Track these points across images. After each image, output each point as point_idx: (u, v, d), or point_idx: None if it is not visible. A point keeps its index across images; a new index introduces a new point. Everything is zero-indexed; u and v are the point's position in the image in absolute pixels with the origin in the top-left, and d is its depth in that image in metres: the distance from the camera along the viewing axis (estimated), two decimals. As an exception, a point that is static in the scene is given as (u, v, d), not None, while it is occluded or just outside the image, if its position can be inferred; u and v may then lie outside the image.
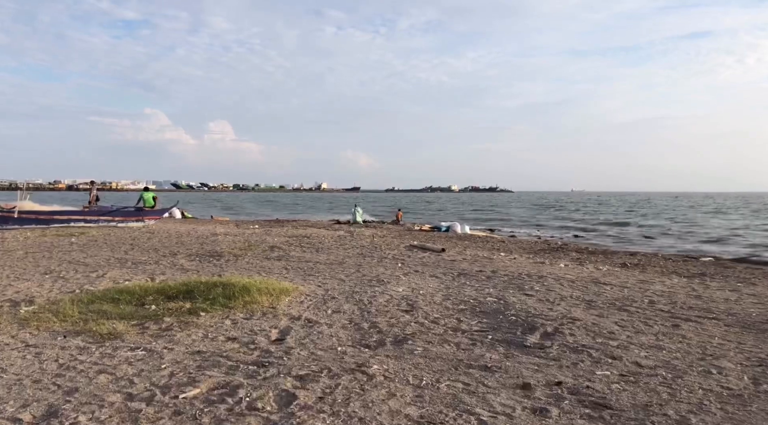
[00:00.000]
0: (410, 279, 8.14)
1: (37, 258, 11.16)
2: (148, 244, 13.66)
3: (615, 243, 20.61)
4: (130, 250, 12.42)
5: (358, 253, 11.65)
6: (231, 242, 13.89)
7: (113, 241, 14.40)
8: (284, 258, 10.93)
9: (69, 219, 18.54)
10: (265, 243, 13.61)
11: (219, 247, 12.77)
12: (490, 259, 11.03)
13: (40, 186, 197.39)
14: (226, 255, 11.32)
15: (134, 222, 19.94)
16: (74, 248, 12.90)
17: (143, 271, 9.47)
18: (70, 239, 14.91)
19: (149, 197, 20.76)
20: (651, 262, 11.74)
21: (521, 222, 36.02)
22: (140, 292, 7.07)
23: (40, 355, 4.93)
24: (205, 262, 10.50)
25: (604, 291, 7.48)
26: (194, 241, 14.25)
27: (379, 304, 6.52)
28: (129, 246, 13.31)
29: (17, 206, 17.65)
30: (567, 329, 5.22)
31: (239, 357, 4.73)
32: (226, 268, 9.64)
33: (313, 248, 12.52)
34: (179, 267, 9.96)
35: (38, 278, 8.86)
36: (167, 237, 15.53)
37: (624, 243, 20.43)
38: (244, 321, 5.95)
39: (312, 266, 9.81)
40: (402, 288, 7.36)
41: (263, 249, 12.37)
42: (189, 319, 5.97)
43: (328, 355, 4.71)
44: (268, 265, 9.98)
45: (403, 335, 5.24)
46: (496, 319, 5.76)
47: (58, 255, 11.73)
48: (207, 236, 15.72)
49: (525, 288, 7.43)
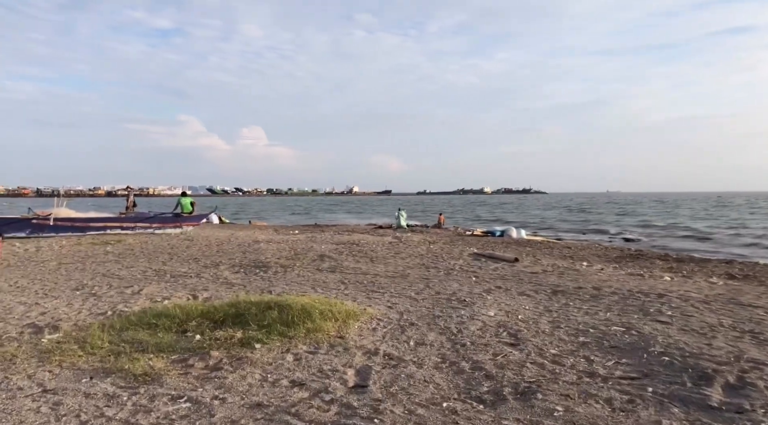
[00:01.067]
0: (497, 299, 6.81)
1: (69, 271, 10.25)
2: (187, 253, 12.67)
3: (678, 247, 18.82)
4: (168, 261, 11.44)
5: (419, 264, 10.37)
6: (276, 250, 12.80)
7: (150, 250, 13.48)
8: (338, 269, 9.74)
9: (105, 226, 17.82)
10: (313, 251, 12.46)
11: (264, 257, 11.68)
12: (575, 271, 9.61)
13: (81, 192, 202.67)
14: (274, 267, 10.20)
15: (172, 228, 19.13)
16: (109, 258, 12.00)
17: (183, 286, 8.40)
18: (106, 248, 14.07)
19: (187, 203, 19.96)
20: (764, 272, 10.12)
21: (566, 225, 34.06)
22: (181, 316, 5.95)
23: (59, 407, 3.83)
24: (251, 275, 9.39)
25: (759, 316, 5.98)
26: (236, 250, 13.21)
27: (472, 334, 5.24)
28: (167, 256, 12.35)
29: (53, 213, 16.99)
30: (757, 377, 3.84)
31: (313, 415, 3.52)
32: (276, 283, 8.50)
33: (367, 257, 11.30)
34: (223, 280, 8.87)
35: (68, 295, 7.88)
36: (207, 245, 14.56)
37: (697, 249, 18.62)
38: (308, 355, 4.74)
39: (372, 280, 8.58)
40: (493, 311, 6.05)
41: (312, 258, 11.21)
42: (241, 353, 4.80)
43: (434, 416, 3.45)
44: (322, 279, 8.79)
45: (524, 383, 3.94)
46: (639, 359, 4.40)
47: (91, 266, 10.81)
48: (249, 243, 14.69)
49: (651, 312, 6.02)
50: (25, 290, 8.37)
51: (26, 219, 16.83)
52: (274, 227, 27.99)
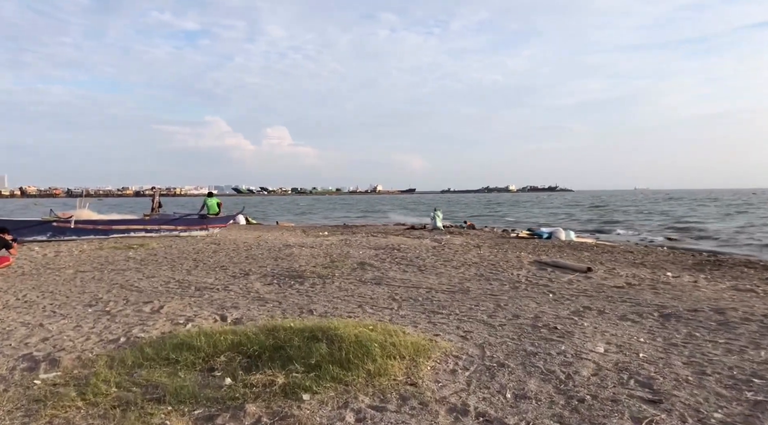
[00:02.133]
0: (595, 326, 5.47)
1: (85, 281, 9.24)
2: (213, 260, 11.60)
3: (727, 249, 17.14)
4: (193, 269, 10.36)
5: (476, 274, 9.06)
6: (310, 257, 11.64)
7: (174, 256, 12.46)
8: (384, 281, 8.51)
9: (128, 229, 16.93)
10: (351, 258, 11.26)
11: (298, 264, 10.53)
12: (665, 283, 8.19)
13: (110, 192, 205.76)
14: (310, 277, 9.03)
15: (198, 231, 18.18)
16: (130, 265, 10.98)
17: (210, 302, 7.27)
18: (127, 253, 13.11)
19: (213, 203, 18.99)
20: None
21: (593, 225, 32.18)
22: (207, 348, 4.79)
23: None
24: (285, 287, 8.23)
25: None
26: (267, 255, 12.10)
27: (587, 382, 3.95)
28: (192, 262, 11.28)
29: (74, 215, 16.15)
30: None
31: None
32: (316, 298, 7.31)
33: (414, 266, 10.04)
34: (255, 294, 7.72)
35: (78, 313, 6.82)
36: (235, 250, 13.49)
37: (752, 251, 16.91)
38: (375, 414, 3.53)
39: (427, 295, 7.33)
40: (601, 346, 4.73)
41: (352, 267, 10.01)
42: (285, 408, 3.61)
43: None
44: (368, 293, 7.57)
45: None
46: None
47: (110, 275, 9.79)
48: (279, 248, 13.57)
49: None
50: (32, 306, 7.35)
51: (47, 222, 16.02)
52: (302, 228, 26.96)
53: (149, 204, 22.32)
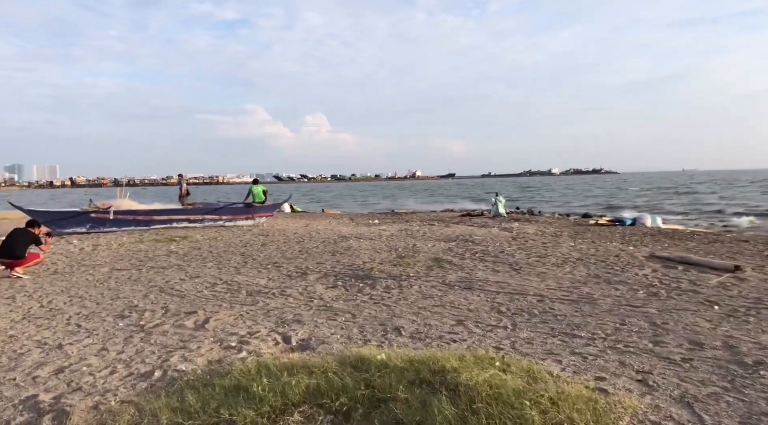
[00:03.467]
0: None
1: (120, 282, 7.99)
2: (264, 255, 10.25)
3: None
4: (242, 266, 9.01)
5: (587, 275, 7.34)
6: (372, 250, 10.15)
7: (220, 250, 11.18)
8: (475, 284, 6.91)
9: (170, 219, 15.82)
10: (420, 252, 9.71)
11: (360, 260, 9.05)
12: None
13: (155, 182, 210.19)
14: (380, 276, 7.54)
15: (243, 220, 16.96)
16: (171, 262, 9.73)
17: (265, 313, 5.84)
18: (169, 247, 11.92)
19: (259, 191, 17.72)
20: None
21: (661, 209, 29.50)
22: (273, 398, 3.32)
23: None
24: (354, 291, 6.75)
25: None
26: (322, 249, 10.68)
27: None
28: (240, 258, 9.95)
29: (113, 206, 15.12)
30: None
31: None
32: (396, 307, 5.79)
33: (502, 263, 8.40)
34: (319, 301, 6.27)
35: (108, 327, 5.51)
36: (285, 242, 12.13)
37: None
38: None
39: (542, 306, 5.69)
40: None
41: (426, 264, 8.46)
42: None
43: None
44: (461, 302, 6.00)
45: None
46: None
47: (148, 274, 8.54)
48: (335, 240, 12.14)
49: None
50: (56, 316, 6.09)
51: (86, 212, 15.05)
52: (349, 216, 25.61)
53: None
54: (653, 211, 23.11)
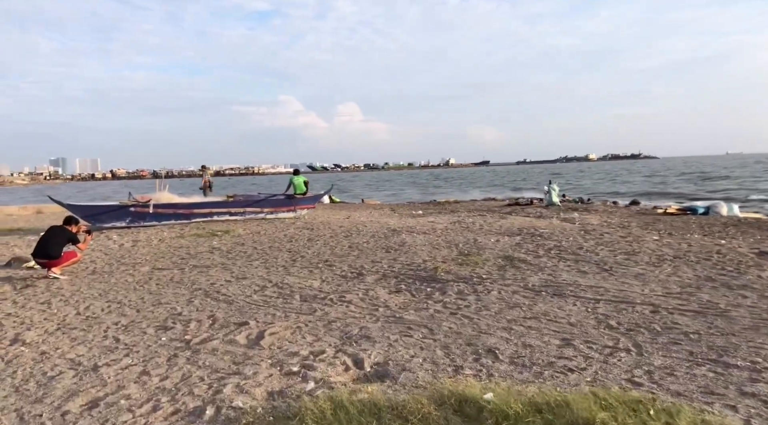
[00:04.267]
0: None
1: (161, 283, 7.34)
2: (312, 252, 9.50)
3: None
4: (291, 265, 8.27)
5: (698, 277, 6.24)
6: (429, 246, 9.28)
7: (265, 245, 10.49)
8: (562, 288, 5.96)
9: (211, 212, 15.28)
10: (485, 249, 8.80)
11: (420, 258, 8.20)
12: None
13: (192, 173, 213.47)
14: (446, 278, 6.69)
15: (285, 212, 16.31)
16: (215, 259, 9.07)
17: (326, 324, 5.05)
18: (211, 242, 11.30)
19: (300, 182, 17.04)
20: None
21: (712, 194, 27.51)
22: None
23: None
24: (422, 296, 5.91)
25: None
26: (374, 245, 9.87)
27: None
28: (288, 255, 9.23)
29: (153, 199, 14.64)
30: None
31: None
32: (480, 320, 4.92)
33: (586, 262, 7.41)
34: (384, 310, 5.44)
35: (149, 341, 4.81)
36: (332, 236, 11.37)
37: None
38: None
39: (661, 320, 4.71)
40: None
41: (496, 263, 7.55)
42: None
43: None
44: (557, 312, 5.07)
45: None
46: None
47: (191, 275, 7.88)
48: (385, 234, 11.32)
49: None
50: (92, 327, 5.44)
51: (125, 206, 14.61)
52: (390, 206, 24.79)
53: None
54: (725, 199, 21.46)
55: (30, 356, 4.66)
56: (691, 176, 47.97)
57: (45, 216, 21.16)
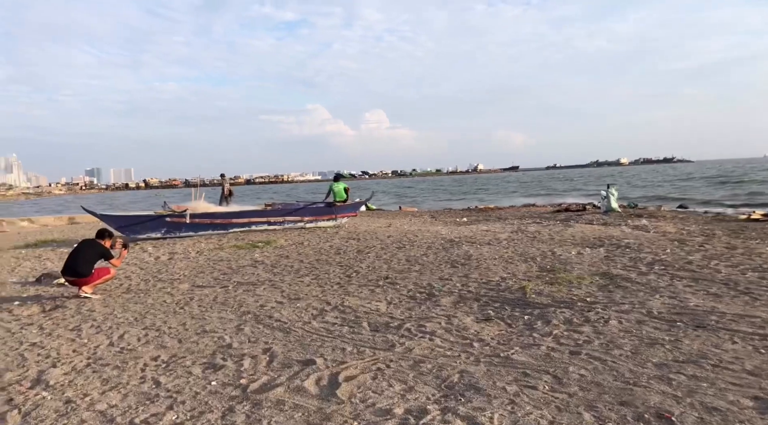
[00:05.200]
0: None
1: (204, 305, 6.42)
2: (366, 266, 8.51)
3: None
4: (347, 283, 7.29)
5: None
6: (499, 259, 8.21)
7: (312, 258, 9.55)
8: (701, 318, 4.79)
9: (249, 222, 14.46)
10: (568, 262, 7.68)
11: (494, 274, 7.14)
12: None
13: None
14: (538, 299, 5.61)
15: (325, 221, 15.40)
16: (260, 275, 8.16)
17: (413, 367, 4.02)
18: (253, 254, 10.43)
19: (341, 189, 16.12)
20: None
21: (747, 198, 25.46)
22: None
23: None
24: (519, 326, 4.84)
25: None
26: (432, 256, 8.84)
27: None
28: (339, 270, 8.26)
29: (189, 208, 13.88)
30: None
31: None
32: (622, 366, 3.82)
33: (701, 278, 6.22)
34: (481, 346, 4.39)
35: (195, 388, 3.86)
36: (383, 247, 10.37)
37: None
38: None
39: None
40: None
41: (592, 280, 6.43)
42: None
43: None
44: (723, 357, 3.92)
45: None
46: None
47: (236, 293, 6.96)
48: (442, 244, 10.27)
49: None
50: (128, 362, 4.55)
51: (161, 216, 13.89)
52: (429, 213, 23.72)
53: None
54: None
55: (53, 405, 3.75)
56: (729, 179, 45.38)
57: (80, 226, 20.76)
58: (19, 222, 22.15)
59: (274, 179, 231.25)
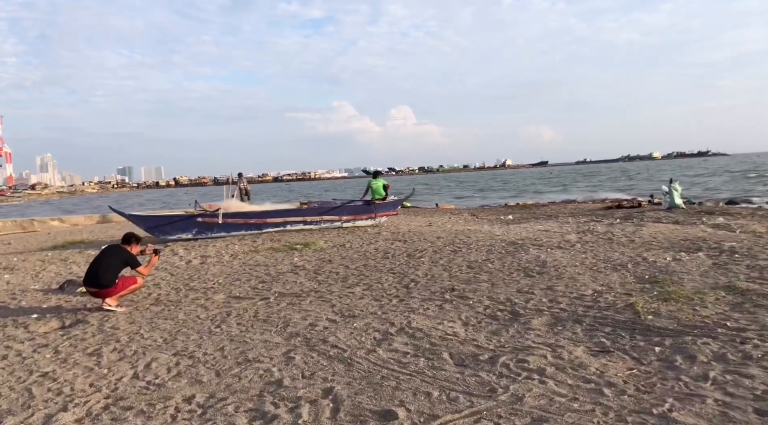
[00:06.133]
0: None
1: (243, 323, 5.46)
2: (423, 273, 7.46)
3: None
4: (406, 295, 6.25)
5: None
6: (581, 267, 7.06)
7: (358, 263, 8.56)
8: None
9: (285, 222, 13.55)
10: (673, 272, 6.49)
11: (582, 285, 6.01)
12: None
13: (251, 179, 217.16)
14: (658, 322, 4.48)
15: (364, 220, 14.41)
16: (303, 284, 7.18)
17: (529, 422, 2.92)
18: (291, 258, 9.48)
19: (379, 186, 15.10)
20: None
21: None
22: None
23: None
24: (652, 360, 3.75)
25: None
26: (498, 263, 7.75)
27: None
28: (392, 277, 7.23)
29: (222, 208, 13.03)
30: None
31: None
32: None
33: None
34: (617, 395, 3.30)
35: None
36: (436, 251, 9.30)
37: None
38: None
39: None
40: None
41: (716, 296, 5.25)
42: None
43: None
44: None
45: None
46: None
47: (279, 307, 5.99)
48: (503, 247, 9.16)
49: None
50: (155, 405, 3.63)
51: (192, 216, 13.08)
52: (469, 211, 22.51)
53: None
54: None
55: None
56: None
57: (109, 226, 20.19)
58: (50, 222, 21.72)
59: (302, 176, 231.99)
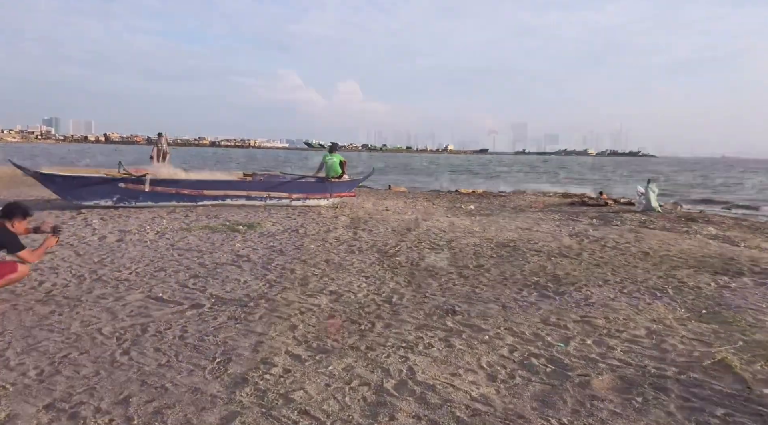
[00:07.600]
0: None
1: (164, 346, 3.69)
2: (403, 277, 5.89)
3: None
4: (389, 315, 4.64)
5: None
6: (602, 282, 5.71)
7: (317, 257, 6.88)
8: None
9: (225, 195, 11.61)
10: (722, 304, 5.22)
11: (631, 321, 4.63)
12: None
13: (187, 142, 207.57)
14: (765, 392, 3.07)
15: (318, 199, 12.68)
16: (249, 286, 5.42)
17: None
18: (233, 242, 7.70)
19: (335, 162, 13.36)
20: None
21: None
22: None
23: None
24: None
25: None
26: (494, 269, 6.30)
27: None
28: (367, 284, 5.61)
29: (150, 173, 10.92)
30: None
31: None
32: None
33: None
34: None
35: None
36: (410, 247, 7.76)
37: None
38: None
39: None
40: None
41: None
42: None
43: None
44: None
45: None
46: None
47: (216, 323, 4.24)
48: (493, 249, 7.71)
49: None
50: None
51: (114, 179, 10.91)
52: (423, 195, 21.07)
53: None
54: None
55: None
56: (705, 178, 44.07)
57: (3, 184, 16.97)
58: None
59: (240, 143, 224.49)
